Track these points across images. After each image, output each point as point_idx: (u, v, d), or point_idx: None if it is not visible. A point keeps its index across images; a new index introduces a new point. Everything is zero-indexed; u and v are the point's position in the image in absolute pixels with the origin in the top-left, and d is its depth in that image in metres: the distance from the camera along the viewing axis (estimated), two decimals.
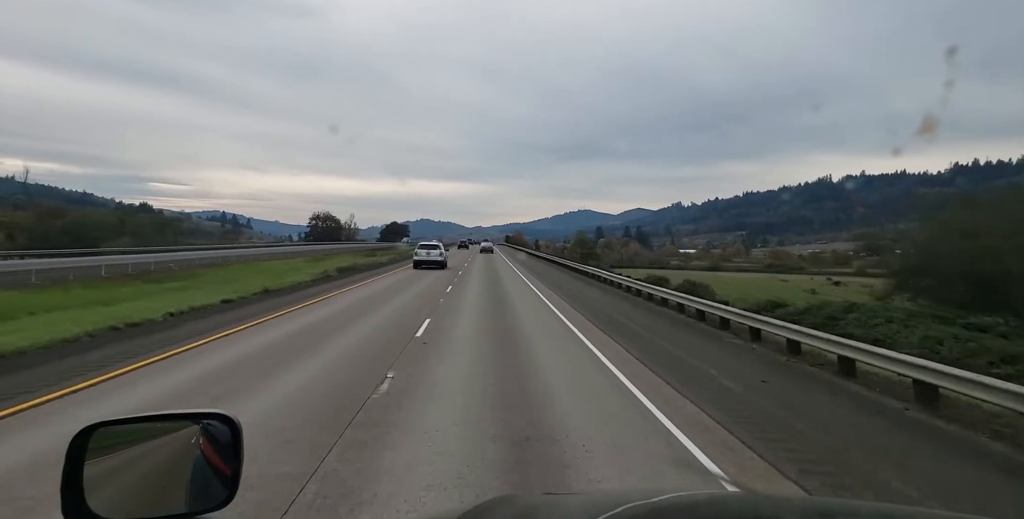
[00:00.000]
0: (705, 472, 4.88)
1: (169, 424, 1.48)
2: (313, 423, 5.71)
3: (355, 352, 9.62)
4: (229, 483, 1.35)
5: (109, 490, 1.28)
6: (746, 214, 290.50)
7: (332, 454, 4.89)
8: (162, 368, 8.05)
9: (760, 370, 9.57)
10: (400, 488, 4.26)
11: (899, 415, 7.15)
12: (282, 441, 5.13)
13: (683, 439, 5.69)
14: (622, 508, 0.97)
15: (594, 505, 1.08)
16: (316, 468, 4.56)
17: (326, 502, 3.99)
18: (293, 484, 4.22)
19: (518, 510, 1.17)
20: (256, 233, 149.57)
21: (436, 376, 8.00)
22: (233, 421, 1.40)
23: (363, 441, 5.25)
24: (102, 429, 1.33)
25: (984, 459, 5.76)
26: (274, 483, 4.20)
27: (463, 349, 10.19)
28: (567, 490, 4.22)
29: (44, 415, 5.83)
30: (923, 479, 5.05)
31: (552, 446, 5.27)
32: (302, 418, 5.87)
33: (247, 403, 6.32)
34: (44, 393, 6.53)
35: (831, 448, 5.76)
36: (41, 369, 7.73)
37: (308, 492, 4.13)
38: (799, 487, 4.71)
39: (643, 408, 6.82)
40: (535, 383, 7.83)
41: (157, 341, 9.91)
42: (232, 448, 1.39)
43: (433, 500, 4.05)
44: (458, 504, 3.86)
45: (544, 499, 1.30)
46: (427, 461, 4.79)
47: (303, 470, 4.49)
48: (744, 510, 1.07)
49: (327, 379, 7.68)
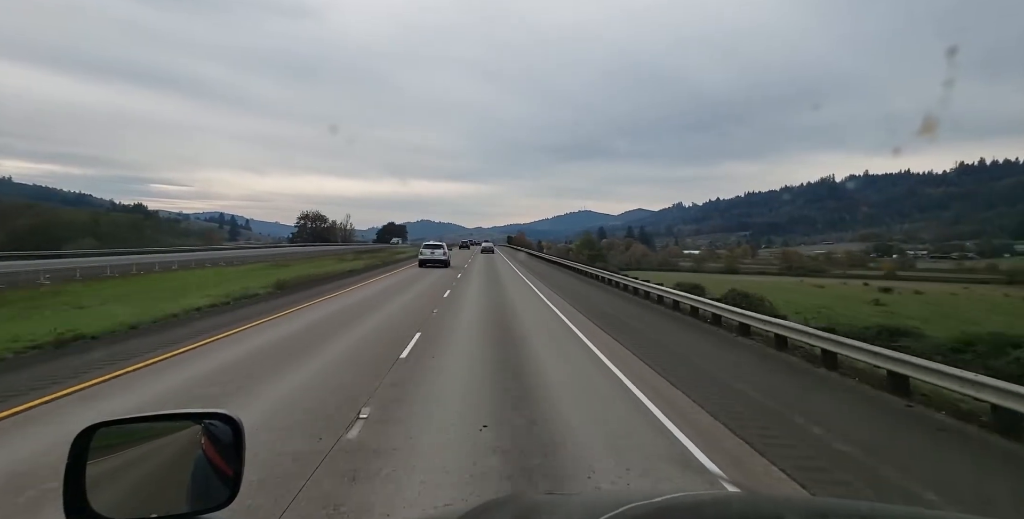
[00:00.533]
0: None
1: (171, 424, 1.48)
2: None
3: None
4: (231, 483, 1.35)
5: (111, 490, 1.28)
6: (748, 214, 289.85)
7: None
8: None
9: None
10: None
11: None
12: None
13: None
14: (624, 508, 0.97)
15: (595, 505, 1.07)
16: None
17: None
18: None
19: (519, 510, 1.16)
20: (254, 234, 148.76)
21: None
22: (235, 421, 1.40)
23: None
24: (104, 429, 1.33)
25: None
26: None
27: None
28: (569, 490, 4.19)
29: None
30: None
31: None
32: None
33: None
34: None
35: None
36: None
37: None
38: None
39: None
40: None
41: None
42: (234, 448, 1.39)
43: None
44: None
45: (546, 499, 1.29)
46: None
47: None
48: (746, 511, 1.07)
49: None
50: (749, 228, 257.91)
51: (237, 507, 1.35)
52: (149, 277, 26.44)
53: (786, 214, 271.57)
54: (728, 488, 4.56)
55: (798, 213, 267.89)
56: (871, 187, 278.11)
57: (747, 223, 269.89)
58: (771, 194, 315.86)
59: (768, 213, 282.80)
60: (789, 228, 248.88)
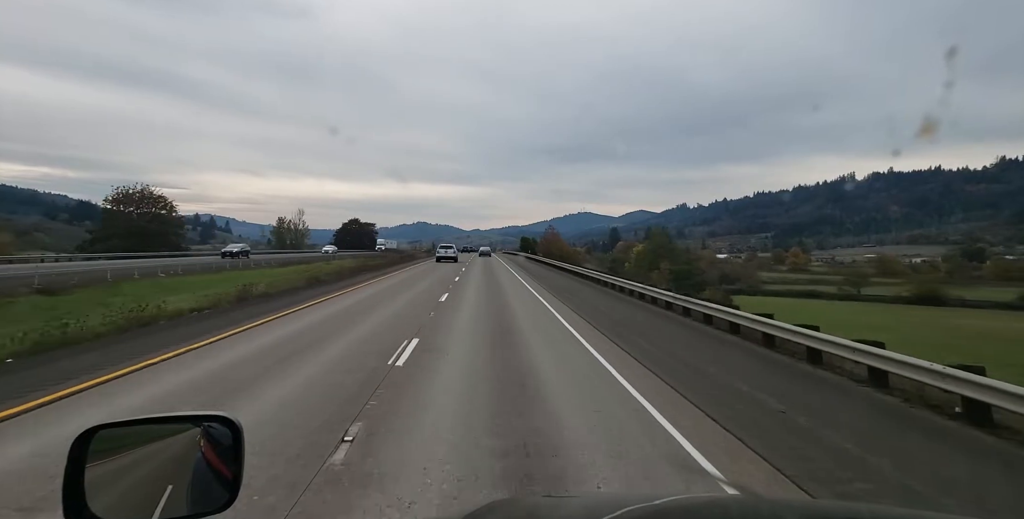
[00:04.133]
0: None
1: (170, 426, 1.48)
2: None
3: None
4: (230, 486, 1.35)
5: (110, 492, 1.29)
6: (762, 215, 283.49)
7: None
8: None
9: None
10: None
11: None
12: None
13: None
14: (622, 511, 0.96)
15: (594, 507, 1.06)
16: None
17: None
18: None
19: (519, 512, 1.15)
20: (234, 236, 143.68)
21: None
22: (235, 423, 1.40)
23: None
24: (103, 431, 1.34)
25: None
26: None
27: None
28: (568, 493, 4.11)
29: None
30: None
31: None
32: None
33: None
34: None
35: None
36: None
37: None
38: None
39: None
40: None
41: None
42: (233, 451, 1.39)
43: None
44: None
45: (545, 501, 1.27)
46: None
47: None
48: (745, 513, 1.05)
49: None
50: (770, 229, 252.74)
51: (236, 510, 1.35)
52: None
53: (806, 214, 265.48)
54: (727, 491, 4.48)
55: (819, 213, 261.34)
56: (897, 186, 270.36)
57: (766, 224, 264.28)
58: (782, 194, 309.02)
59: (784, 213, 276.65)
60: (815, 229, 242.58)
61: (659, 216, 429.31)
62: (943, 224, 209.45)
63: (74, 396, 6.92)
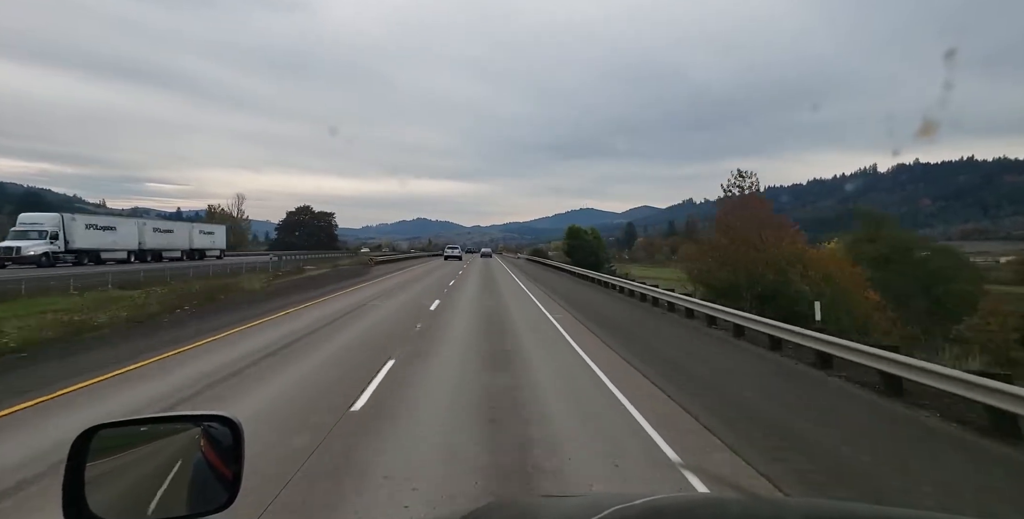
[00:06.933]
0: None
1: (170, 426, 1.49)
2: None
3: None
4: (230, 486, 1.34)
5: (110, 492, 1.29)
6: (779, 209, 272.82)
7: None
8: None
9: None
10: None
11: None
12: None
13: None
14: (618, 507, 0.95)
15: (591, 507, 1.06)
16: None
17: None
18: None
19: (516, 512, 1.14)
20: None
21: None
22: (234, 423, 1.40)
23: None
24: (103, 431, 1.34)
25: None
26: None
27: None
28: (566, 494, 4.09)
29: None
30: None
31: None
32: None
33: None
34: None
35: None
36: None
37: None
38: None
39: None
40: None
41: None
42: (233, 450, 1.38)
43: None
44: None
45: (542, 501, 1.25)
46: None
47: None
48: (741, 512, 1.04)
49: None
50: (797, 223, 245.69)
51: (235, 510, 1.34)
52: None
53: (828, 208, 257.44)
54: (725, 490, 4.41)
55: (842, 208, 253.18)
56: (923, 178, 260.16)
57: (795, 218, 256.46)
58: (797, 188, 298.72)
59: (803, 208, 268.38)
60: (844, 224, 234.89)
61: (664, 212, 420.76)
62: (992, 218, 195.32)
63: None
